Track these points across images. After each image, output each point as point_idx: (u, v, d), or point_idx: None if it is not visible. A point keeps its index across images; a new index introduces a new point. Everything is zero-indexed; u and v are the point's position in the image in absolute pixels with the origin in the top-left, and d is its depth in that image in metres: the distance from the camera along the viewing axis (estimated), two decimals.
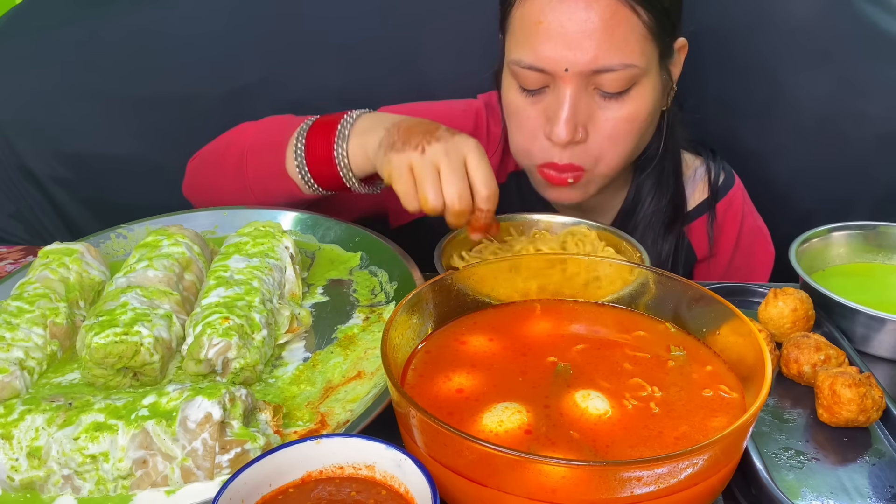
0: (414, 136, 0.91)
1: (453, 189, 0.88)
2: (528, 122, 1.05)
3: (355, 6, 1.42)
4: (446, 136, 0.91)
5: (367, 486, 0.59)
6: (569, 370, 0.68)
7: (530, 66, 1.01)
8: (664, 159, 1.17)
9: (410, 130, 0.92)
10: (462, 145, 0.90)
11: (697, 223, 1.23)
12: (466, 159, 0.90)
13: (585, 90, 1.01)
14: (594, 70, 0.99)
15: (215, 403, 0.66)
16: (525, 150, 1.09)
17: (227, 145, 1.12)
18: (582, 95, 1.01)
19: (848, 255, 1.01)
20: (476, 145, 0.91)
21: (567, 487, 0.53)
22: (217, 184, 1.12)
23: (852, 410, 0.72)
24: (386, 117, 0.98)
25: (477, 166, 0.89)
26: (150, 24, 1.43)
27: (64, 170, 1.48)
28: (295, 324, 0.86)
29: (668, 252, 1.18)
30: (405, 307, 0.68)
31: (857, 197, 1.45)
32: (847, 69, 1.39)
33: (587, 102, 1.02)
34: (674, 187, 1.19)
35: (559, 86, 1.01)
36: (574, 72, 0.99)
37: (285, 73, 1.42)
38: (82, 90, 1.44)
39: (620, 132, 1.04)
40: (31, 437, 0.66)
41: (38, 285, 0.84)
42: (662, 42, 1.04)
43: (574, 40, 0.97)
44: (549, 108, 1.03)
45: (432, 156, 0.89)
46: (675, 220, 1.19)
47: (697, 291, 0.72)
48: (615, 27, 0.98)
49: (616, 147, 1.05)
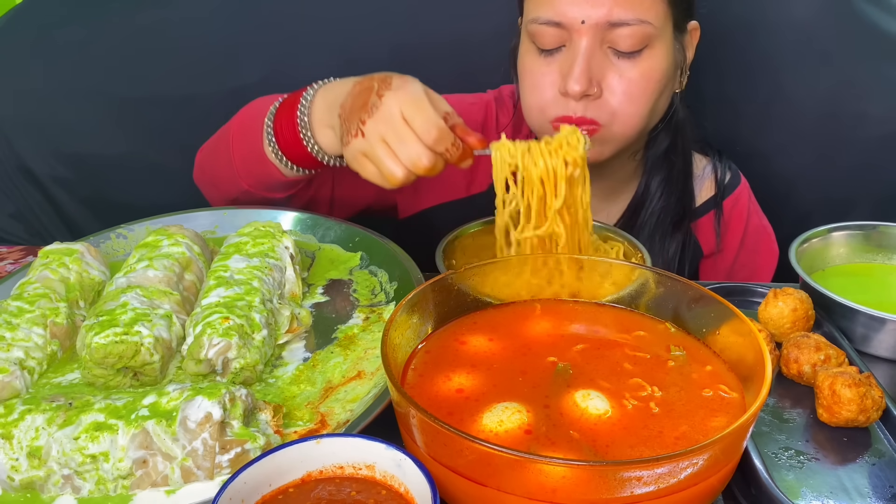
0: (351, 120, 0.90)
1: (406, 154, 0.87)
2: (543, 79, 1.06)
3: (355, 6, 1.42)
4: (376, 103, 0.89)
5: (367, 486, 0.59)
6: (569, 370, 0.68)
7: (548, 21, 1.02)
8: (675, 157, 1.18)
9: (350, 114, 0.91)
10: (392, 104, 0.88)
11: (704, 220, 1.24)
12: (404, 115, 0.87)
13: (600, 47, 1.02)
14: (610, 22, 1.00)
15: (215, 403, 0.66)
16: (538, 107, 1.08)
17: (222, 131, 1.12)
18: (597, 51, 1.02)
19: (848, 255, 1.01)
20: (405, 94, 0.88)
21: (567, 487, 0.53)
22: (214, 169, 1.13)
23: (852, 410, 0.72)
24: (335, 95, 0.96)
25: (413, 116, 0.87)
26: (150, 24, 1.43)
27: (64, 170, 1.48)
28: (295, 324, 0.86)
29: (676, 249, 1.19)
30: (405, 307, 0.68)
31: (857, 197, 1.45)
32: (847, 69, 1.39)
33: (601, 59, 1.03)
34: (683, 185, 1.20)
35: (575, 41, 1.02)
36: (590, 24, 1.00)
37: (285, 73, 1.42)
38: (82, 90, 1.44)
39: (634, 90, 1.04)
40: (32, 437, 0.66)
41: (38, 285, 0.84)
42: (676, 11, 1.05)
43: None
44: (564, 64, 1.04)
45: (373, 134, 0.88)
46: (683, 217, 1.20)
47: (697, 291, 0.72)
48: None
49: (630, 105, 1.05)
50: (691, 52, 1.13)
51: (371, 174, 0.91)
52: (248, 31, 1.43)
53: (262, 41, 1.42)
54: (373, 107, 0.89)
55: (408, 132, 0.87)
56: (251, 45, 1.43)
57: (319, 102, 0.98)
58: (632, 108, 1.05)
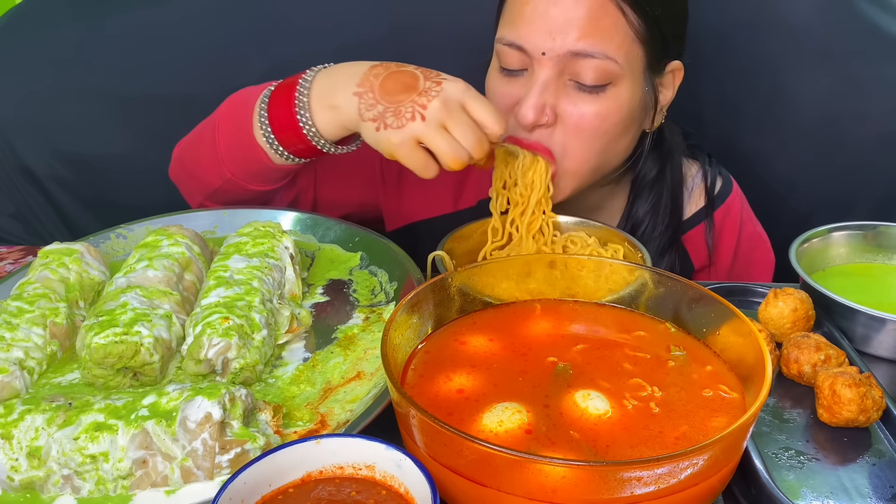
0: (400, 102, 0.89)
1: (471, 139, 0.88)
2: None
3: (355, 6, 1.42)
4: (434, 88, 0.89)
5: (367, 486, 0.59)
6: (569, 370, 0.68)
7: (510, 44, 1.01)
8: (663, 186, 1.16)
9: (389, 93, 0.90)
10: (454, 91, 0.89)
11: (694, 232, 1.21)
12: (465, 104, 0.89)
13: (560, 78, 1.00)
14: (573, 52, 0.97)
15: (215, 403, 0.66)
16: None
17: (204, 123, 1.10)
18: (556, 82, 1.00)
19: (848, 255, 1.01)
20: (465, 86, 0.90)
21: (567, 487, 0.53)
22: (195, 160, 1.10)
23: (852, 410, 0.72)
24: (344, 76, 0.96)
25: (479, 106, 0.89)
26: (149, 24, 1.43)
27: (64, 170, 1.48)
28: (295, 324, 0.86)
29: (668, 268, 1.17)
30: (405, 307, 0.68)
31: (857, 197, 1.45)
32: (847, 69, 1.39)
33: (559, 89, 1.01)
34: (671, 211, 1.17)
35: (535, 69, 1.00)
36: (551, 56, 0.98)
37: (285, 73, 1.41)
38: (82, 90, 1.44)
39: (586, 127, 1.01)
40: (31, 437, 0.66)
41: (38, 285, 0.84)
42: (651, 51, 1.02)
43: (556, 26, 0.97)
44: (523, 89, 1.02)
45: (434, 118, 0.88)
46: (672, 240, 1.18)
47: (697, 291, 0.72)
48: (600, 18, 0.97)
49: (579, 140, 1.02)
50: (671, 93, 1.09)
51: (422, 162, 0.89)
52: (248, 31, 1.43)
53: (263, 41, 1.42)
54: (429, 91, 0.89)
55: (470, 120, 0.89)
56: (251, 45, 1.43)
57: (321, 83, 0.97)
58: (581, 143, 1.02)
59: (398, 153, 0.90)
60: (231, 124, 1.04)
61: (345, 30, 1.42)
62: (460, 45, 1.41)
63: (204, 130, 1.09)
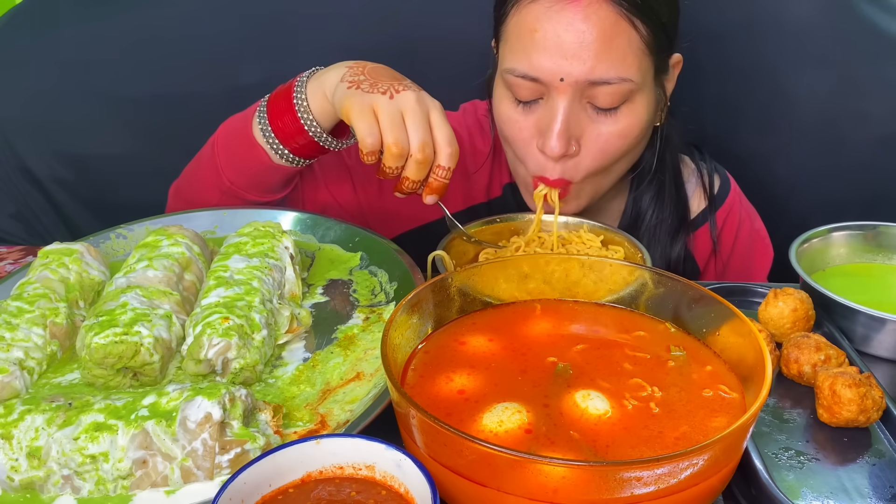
0: (382, 80, 0.92)
1: (418, 137, 0.88)
2: (521, 133, 1.03)
3: (355, 6, 1.42)
4: (414, 87, 0.91)
5: (367, 486, 0.59)
6: (569, 370, 0.68)
7: (524, 76, 0.99)
8: (661, 172, 1.16)
9: (377, 73, 0.93)
10: (427, 101, 0.91)
11: (698, 233, 1.21)
12: (430, 114, 0.90)
13: (579, 102, 0.99)
14: (590, 81, 0.97)
15: (215, 403, 0.66)
16: (518, 158, 1.08)
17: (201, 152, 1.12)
18: (575, 108, 0.99)
19: (848, 255, 1.01)
20: (440, 106, 0.91)
21: (567, 488, 0.53)
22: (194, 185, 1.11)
23: (852, 410, 0.72)
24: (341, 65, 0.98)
25: (441, 124, 0.90)
26: (149, 24, 1.43)
27: (64, 170, 1.48)
28: (295, 324, 0.86)
29: (679, 257, 1.17)
30: (405, 307, 0.68)
31: (856, 197, 1.45)
32: (847, 69, 1.39)
33: (580, 115, 1.00)
34: (676, 197, 1.18)
35: (553, 97, 0.99)
36: (569, 82, 0.97)
37: (285, 73, 1.41)
38: (82, 90, 1.44)
39: (611, 147, 1.02)
40: (31, 437, 0.66)
41: (38, 285, 0.84)
42: (658, 57, 1.02)
43: (570, 50, 0.96)
44: (542, 120, 1.01)
45: (400, 102, 0.89)
46: (680, 227, 1.18)
47: (697, 291, 0.72)
48: (613, 39, 0.96)
49: (606, 161, 1.03)
50: (671, 85, 1.10)
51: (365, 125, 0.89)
52: (248, 30, 1.43)
53: (263, 41, 1.43)
54: (410, 86, 0.91)
55: (427, 127, 0.89)
56: (251, 44, 1.43)
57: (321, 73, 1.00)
58: (605, 163, 1.03)
59: (354, 110, 0.90)
60: (230, 132, 1.06)
61: (345, 30, 1.42)
62: (460, 44, 1.41)
63: (202, 155, 1.11)
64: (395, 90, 0.90)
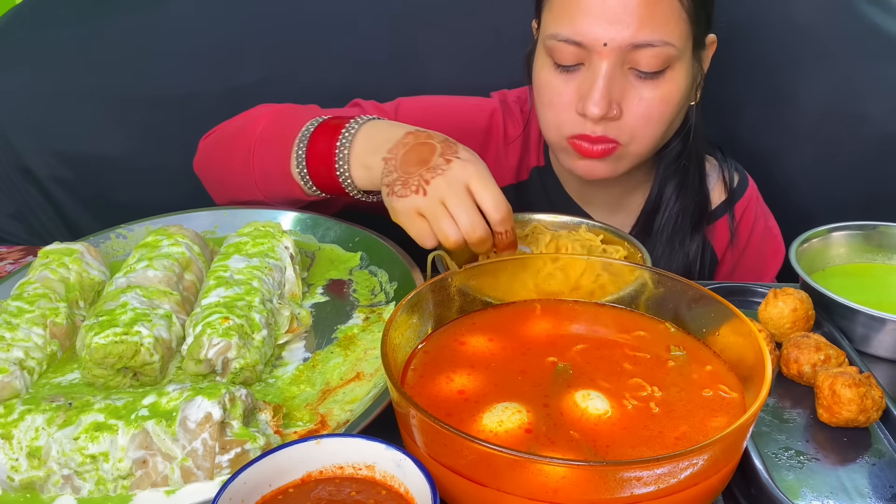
0: (410, 174, 0.89)
1: (465, 220, 0.86)
2: (561, 98, 1.04)
3: (355, 5, 1.42)
4: (442, 165, 0.88)
5: (367, 486, 0.59)
6: (569, 370, 0.68)
7: (567, 40, 1.00)
8: (688, 160, 1.17)
9: (405, 165, 0.90)
10: (460, 173, 0.87)
11: (717, 225, 1.23)
12: (470, 186, 0.87)
13: (621, 68, 1.00)
14: (634, 44, 0.98)
15: (215, 403, 0.66)
16: (556, 124, 1.07)
17: (238, 131, 1.09)
18: (617, 73, 1.00)
19: (848, 255, 1.01)
20: (475, 169, 0.87)
21: (567, 487, 0.53)
22: (226, 169, 1.11)
23: (852, 410, 0.72)
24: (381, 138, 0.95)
25: (482, 191, 0.87)
26: (150, 24, 1.43)
27: (64, 170, 1.48)
28: (295, 324, 0.86)
29: (697, 252, 1.18)
30: (405, 307, 0.68)
31: (857, 197, 1.45)
32: (847, 69, 1.39)
33: (622, 81, 1.01)
34: (698, 187, 1.19)
35: (595, 62, 1.00)
36: (612, 47, 0.98)
37: (285, 73, 1.42)
38: (82, 90, 1.44)
39: (654, 113, 1.03)
40: (31, 437, 0.66)
41: (38, 285, 0.84)
42: (697, 29, 1.04)
43: (615, 15, 0.97)
44: (583, 84, 1.02)
45: (435, 194, 0.86)
46: (700, 219, 1.19)
47: (697, 291, 0.72)
48: (656, 4, 0.98)
49: (649, 127, 1.04)
50: (707, 64, 1.12)
51: (420, 231, 0.88)
52: (248, 30, 1.43)
53: (263, 41, 1.42)
54: (437, 168, 0.88)
55: (470, 202, 0.86)
56: (251, 44, 1.43)
57: (362, 140, 0.96)
58: (650, 129, 1.04)
59: (400, 219, 0.90)
60: (268, 152, 1.04)
61: (345, 29, 1.42)
62: (461, 42, 1.41)
63: (237, 142, 1.08)
64: (424, 182, 0.87)
